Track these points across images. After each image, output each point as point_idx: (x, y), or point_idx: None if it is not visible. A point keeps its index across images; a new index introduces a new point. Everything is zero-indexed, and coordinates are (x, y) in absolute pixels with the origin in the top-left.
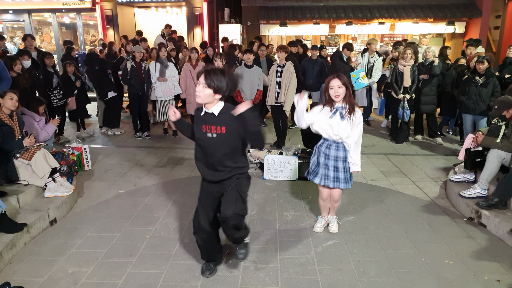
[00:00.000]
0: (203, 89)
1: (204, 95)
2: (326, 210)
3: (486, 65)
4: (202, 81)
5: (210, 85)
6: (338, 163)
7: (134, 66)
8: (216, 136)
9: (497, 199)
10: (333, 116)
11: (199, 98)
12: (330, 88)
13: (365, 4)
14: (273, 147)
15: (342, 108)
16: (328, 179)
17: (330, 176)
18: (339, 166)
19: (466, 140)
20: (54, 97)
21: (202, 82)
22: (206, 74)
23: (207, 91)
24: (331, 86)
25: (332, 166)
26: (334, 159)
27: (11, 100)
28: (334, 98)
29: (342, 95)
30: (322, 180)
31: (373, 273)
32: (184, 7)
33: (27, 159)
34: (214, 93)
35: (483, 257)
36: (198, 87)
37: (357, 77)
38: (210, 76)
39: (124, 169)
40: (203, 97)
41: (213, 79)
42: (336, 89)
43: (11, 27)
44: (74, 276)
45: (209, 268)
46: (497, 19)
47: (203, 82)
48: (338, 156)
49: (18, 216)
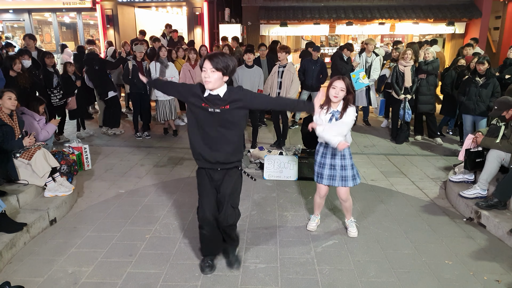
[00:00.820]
0: (211, 73)
1: (214, 80)
2: (320, 208)
3: (486, 65)
4: (208, 66)
5: (217, 67)
6: (346, 161)
7: (135, 65)
8: (218, 111)
9: (496, 199)
10: (330, 122)
11: (209, 84)
12: (332, 88)
13: (365, 5)
14: (273, 147)
15: (338, 112)
16: (334, 180)
17: (337, 176)
18: (347, 164)
19: (466, 141)
20: (54, 96)
21: (208, 67)
22: (210, 58)
23: (216, 75)
24: (333, 86)
25: (339, 165)
26: (340, 158)
27: (10, 100)
28: (332, 98)
29: (340, 98)
30: (329, 181)
31: (373, 273)
32: (184, 7)
33: (27, 159)
34: (223, 76)
35: (483, 257)
36: (205, 73)
37: (357, 77)
38: (214, 59)
39: (124, 169)
40: (214, 82)
41: (218, 61)
42: (337, 90)
43: (11, 26)
44: (74, 275)
45: (208, 265)
46: (497, 20)
47: (209, 67)
48: (344, 154)
49: (18, 216)
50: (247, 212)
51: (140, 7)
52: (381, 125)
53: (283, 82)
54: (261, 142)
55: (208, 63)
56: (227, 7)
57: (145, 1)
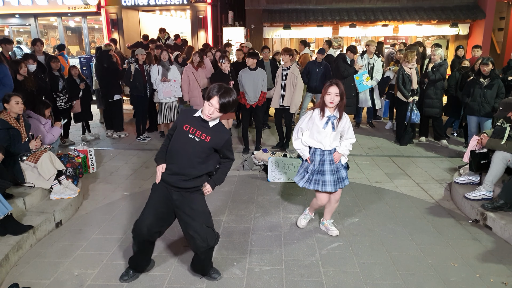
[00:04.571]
0: (216, 113)
1: (215, 117)
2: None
3: (490, 67)
4: (216, 106)
5: (221, 111)
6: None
7: (138, 68)
8: (197, 140)
9: (502, 201)
10: (325, 126)
11: (209, 119)
12: (327, 94)
13: (369, 7)
14: (275, 148)
15: (334, 117)
16: (326, 185)
17: (329, 180)
18: (339, 166)
19: (471, 142)
20: (60, 100)
21: (215, 106)
22: (222, 105)
23: (217, 114)
24: (329, 92)
25: (328, 170)
26: (330, 163)
27: (17, 105)
28: (328, 104)
29: (336, 103)
30: (333, 187)
31: (378, 275)
32: (188, 10)
33: (33, 162)
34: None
35: (489, 260)
36: (210, 109)
37: (360, 79)
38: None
39: (128, 172)
40: (213, 118)
41: (227, 108)
42: (333, 96)
43: (17, 31)
44: (79, 278)
45: (127, 273)
46: (501, 21)
47: (216, 107)
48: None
49: (24, 218)
50: (251, 215)
51: (144, 11)
52: (385, 127)
53: (287, 85)
54: (265, 145)
55: (217, 103)
56: (231, 10)
57: (149, 5)
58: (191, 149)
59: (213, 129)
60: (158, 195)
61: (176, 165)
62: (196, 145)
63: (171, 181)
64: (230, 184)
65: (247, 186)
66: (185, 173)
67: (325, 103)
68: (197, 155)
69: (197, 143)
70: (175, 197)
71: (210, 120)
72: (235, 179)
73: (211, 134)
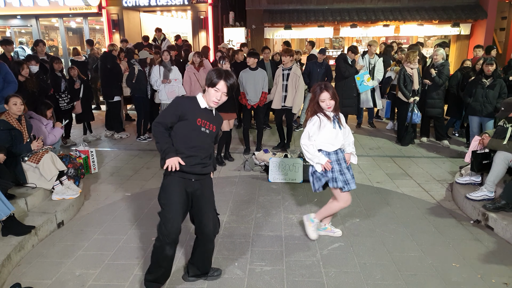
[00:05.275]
0: (224, 97)
1: (223, 101)
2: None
3: (494, 67)
4: (224, 90)
5: (228, 94)
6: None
7: (141, 70)
8: (208, 133)
9: (504, 201)
10: (334, 126)
11: (217, 105)
12: (321, 101)
13: (370, 7)
14: (276, 149)
15: (335, 117)
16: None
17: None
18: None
19: (473, 142)
20: (62, 101)
21: (223, 90)
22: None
23: (225, 98)
24: (322, 100)
25: (345, 168)
26: (344, 161)
27: (15, 106)
28: (326, 110)
29: (333, 106)
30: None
31: (379, 276)
32: (189, 11)
33: (35, 162)
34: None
35: (491, 260)
36: (217, 95)
37: (361, 80)
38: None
39: (130, 172)
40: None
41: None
42: (327, 102)
43: (18, 32)
44: (81, 278)
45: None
46: (503, 21)
47: (224, 91)
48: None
49: (26, 219)
50: (252, 215)
51: (145, 12)
52: (386, 127)
53: (289, 85)
54: (266, 145)
55: (225, 87)
56: (232, 10)
57: (150, 6)
58: (207, 143)
59: (216, 117)
60: (179, 193)
61: (197, 157)
62: (207, 137)
63: (196, 171)
64: (231, 184)
65: (248, 186)
66: (204, 161)
67: (322, 109)
68: (210, 144)
69: (208, 135)
70: (197, 186)
71: (216, 106)
72: (236, 180)
73: (215, 124)
